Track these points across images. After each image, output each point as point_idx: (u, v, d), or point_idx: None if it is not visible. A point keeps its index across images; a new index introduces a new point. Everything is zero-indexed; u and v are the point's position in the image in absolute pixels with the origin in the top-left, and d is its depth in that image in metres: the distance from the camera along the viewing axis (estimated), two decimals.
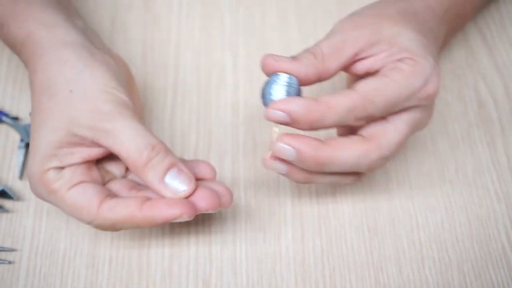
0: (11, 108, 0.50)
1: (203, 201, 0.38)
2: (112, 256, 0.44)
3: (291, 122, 0.38)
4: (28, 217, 0.45)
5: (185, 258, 0.44)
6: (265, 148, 0.47)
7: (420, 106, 0.41)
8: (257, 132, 0.49)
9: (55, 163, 0.39)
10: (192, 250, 0.44)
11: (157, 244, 0.44)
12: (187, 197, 0.39)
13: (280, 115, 0.38)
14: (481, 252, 0.44)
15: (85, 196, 0.38)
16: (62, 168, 0.39)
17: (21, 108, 0.50)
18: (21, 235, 0.45)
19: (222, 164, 0.48)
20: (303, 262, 0.44)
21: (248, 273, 0.43)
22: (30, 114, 0.47)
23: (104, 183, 0.41)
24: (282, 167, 0.40)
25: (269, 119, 0.38)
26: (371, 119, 0.40)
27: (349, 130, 0.43)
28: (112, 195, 0.39)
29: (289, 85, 0.38)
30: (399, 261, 0.44)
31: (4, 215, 0.45)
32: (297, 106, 0.37)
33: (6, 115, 0.49)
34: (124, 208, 0.38)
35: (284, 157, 0.39)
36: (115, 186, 0.41)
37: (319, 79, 0.39)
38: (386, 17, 0.41)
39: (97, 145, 0.39)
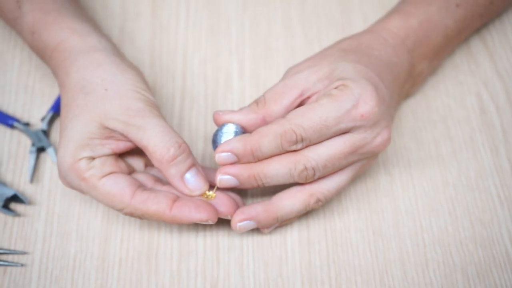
0: (22, 114, 0.51)
1: (224, 207, 0.42)
2: (122, 258, 0.45)
3: (236, 159, 0.42)
4: (40, 221, 0.46)
5: (193, 261, 0.45)
6: None
7: (358, 128, 0.42)
8: None
9: (87, 153, 0.41)
10: (200, 253, 0.45)
11: (165, 247, 0.45)
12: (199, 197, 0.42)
13: (226, 155, 0.42)
14: (484, 255, 0.45)
15: (118, 186, 0.41)
16: (93, 158, 0.42)
17: (32, 114, 0.51)
18: (33, 238, 0.45)
19: None
20: (309, 265, 0.44)
21: (255, 276, 0.44)
22: (43, 120, 0.48)
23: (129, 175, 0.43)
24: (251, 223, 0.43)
25: (219, 163, 0.42)
26: (309, 144, 0.42)
27: None
28: (142, 186, 0.42)
29: (235, 133, 0.43)
30: (404, 264, 0.45)
31: (16, 219, 0.46)
32: (235, 142, 0.42)
33: (18, 120, 0.50)
34: (155, 204, 0.41)
35: (228, 185, 0.43)
36: (140, 177, 0.44)
37: (265, 121, 0.43)
38: (326, 56, 0.45)
39: (126, 139, 0.42)
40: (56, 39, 0.45)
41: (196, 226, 0.46)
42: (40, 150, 0.49)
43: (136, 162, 0.45)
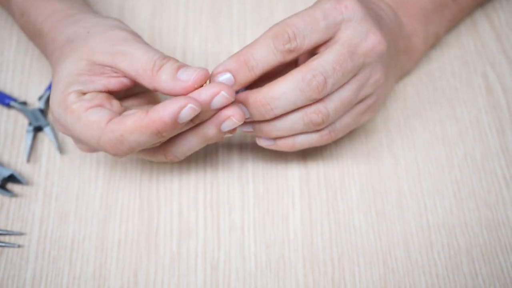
0: (19, 93, 0.50)
1: (206, 92, 0.38)
2: (121, 239, 0.44)
3: (232, 78, 0.40)
4: (37, 202, 0.45)
5: (194, 242, 0.44)
6: None
7: (346, 23, 0.41)
8: None
9: (77, 87, 0.40)
10: (200, 233, 0.44)
11: (165, 228, 0.44)
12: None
13: (223, 78, 0.40)
14: (489, 237, 0.44)
15: (98, 114, 0.39)
16: (83, 93, 0.40)
17: (29, 93, 0.50)
18: (30, 219, 0.45)
19: (230, 147, 0.48)
20: (311, 246, 0.44)
21: (257, 257, 0.43)
22: (40, 99, 0.47)
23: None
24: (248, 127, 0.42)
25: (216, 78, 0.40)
26: (303, 41, 0.40)
27: None
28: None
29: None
30: (408, 245, 0.44)
31: (13, 200, 0.46)
32: (227, 60, 0.40)
33: (15, 100, 0.49)
34: (131, 117, 0.38)
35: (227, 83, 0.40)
36: (131, 112, 0.41)
37: None
38: None
39: (117, 74, 0.41)
40: (42, 17, 0.45)
41: (196, 205, 0.45)
42: (37, 129, 0.48)
43: (134, 105, 0.43)
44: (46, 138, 0.48)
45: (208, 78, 0.40)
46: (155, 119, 0.38)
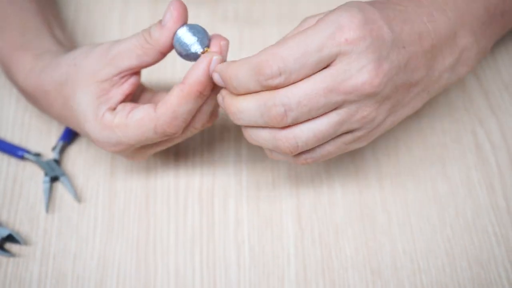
0: (36, 144, 0.51)
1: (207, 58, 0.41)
2: None
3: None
4: (35, 262, 0.46)
5: None
6: None
7: (343, 56, 0.37)
8: None
9: (104, 107, 0.43)
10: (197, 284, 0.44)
11: (162, 287, 0.45)
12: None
13: (215, 77, 0.40)
14: None
15: (140, 110, 0.42)
16: (113, 109, 0.43)
17: (38, 146, 0.51)
18: (28, 280, 0.45)
19: (226, 206, 0.48)
20: None
21: None
22: (53, 149, 0.50)
23: None
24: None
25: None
26: (289, 78, 0.38)
27: None
28: None
29: (198, 30, 0.42)
30: None
31: (11, 260, 0.46)
32: (220, 66, 0.40)
33: (28, 152, 0.50)
34: (171, 94, 0.41)
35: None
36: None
37: None
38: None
39: (123, 79, 0.43)
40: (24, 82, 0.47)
41: (193, 263, 0.45)
42: (54, 179, 0.49)
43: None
44: (37, 196, 0.48)
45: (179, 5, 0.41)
46: (193, 83, 0.40)
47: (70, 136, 0.51)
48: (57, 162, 0.49)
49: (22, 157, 0.50)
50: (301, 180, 0.50)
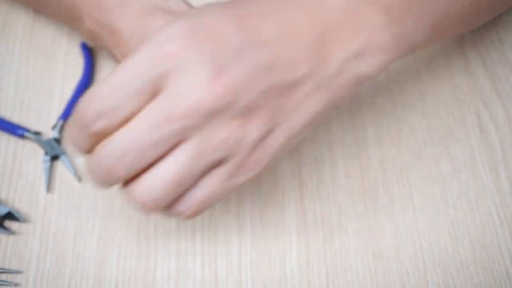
0: (37, 123, 0.50)
1: None
2: (118, 278, 0.44)
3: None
4: (35, 239, 0.45)
5: (191, 282, 0.44)
6: None
7: (168, 77, 0.31)
8: None
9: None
10: (198, 273, 0.44)
11: (163, 267, 0.44)
12: None
13: None
14: (485, 277, 0.45)
15: None
16: None
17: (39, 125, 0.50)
18: (27, 257, 0.45)
19: None
20: (308, 287, 0.44)
21: None
22: (53, 128, 0.49)
23: None
24: None
25: None
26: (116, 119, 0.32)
27: None
28: None
29: None
30: (404, 285, 0.44)
31: (11, 237, 0.46)
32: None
33: (28, 130, 0.49)
34: None
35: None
36: None
37: None
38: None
39: None
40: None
41: (194, 245, 0.45)
42: (54, 158, 0.48)
43: None
44: (37, 174, 0.48)
45: None
46: None
47: (70, 114, 0.51)
48: (57, 141, 0.49)
49: (22, 136, 0.49)
50: (304, 160, 0.49)
